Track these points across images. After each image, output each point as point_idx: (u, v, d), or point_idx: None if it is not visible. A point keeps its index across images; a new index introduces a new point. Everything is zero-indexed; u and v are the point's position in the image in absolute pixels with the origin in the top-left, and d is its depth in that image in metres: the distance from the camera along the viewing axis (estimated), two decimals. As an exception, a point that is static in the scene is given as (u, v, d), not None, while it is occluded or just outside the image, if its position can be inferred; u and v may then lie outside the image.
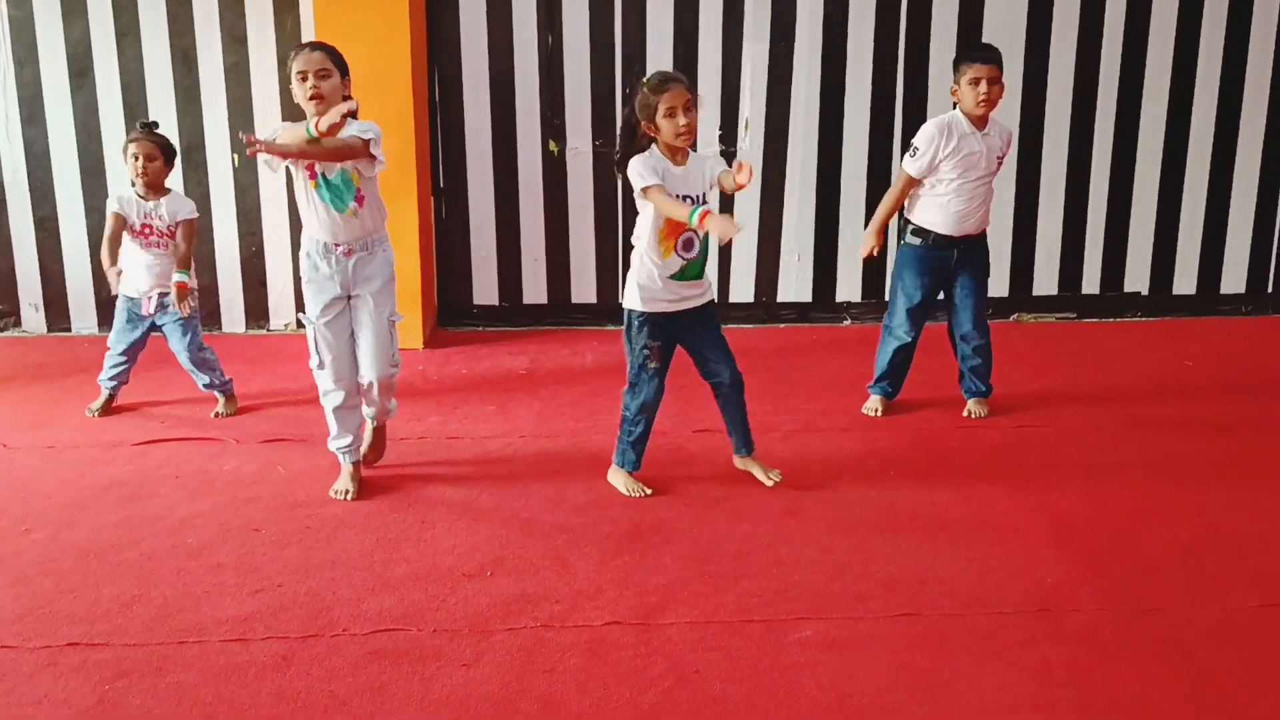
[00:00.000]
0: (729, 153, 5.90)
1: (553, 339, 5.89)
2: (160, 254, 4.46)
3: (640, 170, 3.51)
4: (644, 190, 3.49)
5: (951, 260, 4.43)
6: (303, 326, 3.83)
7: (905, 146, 5.00)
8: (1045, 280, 6.20)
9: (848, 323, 6.18)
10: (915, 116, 5.85)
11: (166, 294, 4.44)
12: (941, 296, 4.55)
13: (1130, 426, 4.44)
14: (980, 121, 4.30)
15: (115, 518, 3.60)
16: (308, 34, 5.66)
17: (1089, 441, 4.28)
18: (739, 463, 3.91)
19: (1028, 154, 6.03)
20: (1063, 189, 6.08)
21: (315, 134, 3.31)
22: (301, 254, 3.73)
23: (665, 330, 3.67)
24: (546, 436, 4.37)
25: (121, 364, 4.59)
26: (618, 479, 3.85)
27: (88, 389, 4.97)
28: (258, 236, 5.92)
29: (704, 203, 3.56)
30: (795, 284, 6.09)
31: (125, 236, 4.45)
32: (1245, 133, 6.08)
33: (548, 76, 5.85)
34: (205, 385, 4.64)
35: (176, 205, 4.48)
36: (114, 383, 4.63)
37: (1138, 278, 6.22)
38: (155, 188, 4.44)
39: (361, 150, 3.48)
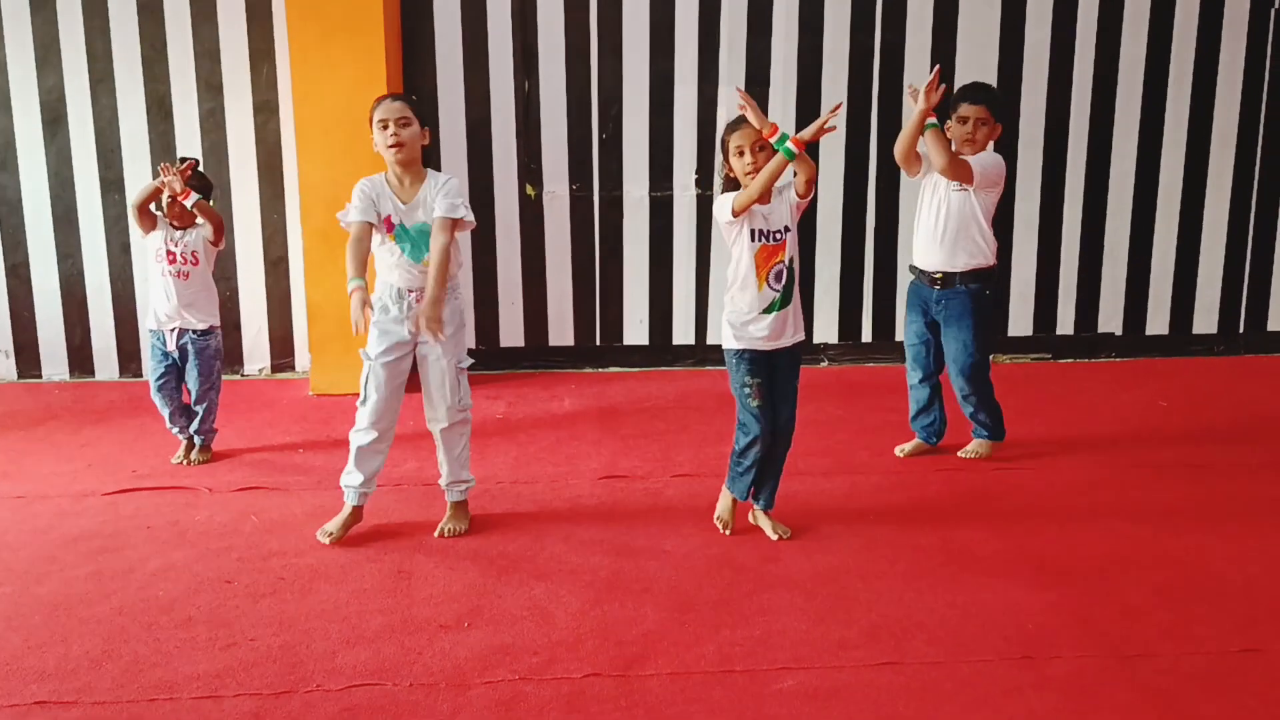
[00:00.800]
0: (705, 196, 5.93)
1: (530, 382, 5.86)
2: (182, 284, 4.45)
3: (722, 204, 3.59)
4: (733, 213, 3.53)
5: (932, 300, 4.44)
6: (278, 371, 3.79)
7: (880, 190, 5.08)
8: (1021, 321, 6.25)
9: (825, 364, 6.19)
10: (889, 160, 5.90)
11: (188, 329, 4.46)
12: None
13: (1107, 468, 4.45)
14: (964, 155, 4.32)
15: (85, 570, 3.54)
16: (284, 82, 5.68)
17: (1067, 483, 4.29)
18: (751, 517, 3.86)
19: (1003, 197, 6.07)
20: (1037, 231, 6.15)
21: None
22: (374, 296, 3.71)
23: (765, 365, 3.67)
24: (524, 482, 4.34)
25: (164, 403, 4.54)
26: (724, 502, 3.85)
27: (59, 438, 4.92)
28: (232, 282, 5.89)
29: (786, 233, 3.60)
30: (772, 326, 6.10)
31: (152, 261, 4.48)
32: (1214, 176, 6.18)
33: (525, 122, 5.88)
34: (195, 429, 4.59)
35: (200, 235, 4.49)
36: (174, 427, 4.57)
37: (1111, 319, 6.27)
38: (183, 219, 4.46)
39: (455, 230, 3.60)
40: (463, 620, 3.20)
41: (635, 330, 6.13)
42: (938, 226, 4.34)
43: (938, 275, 4.38)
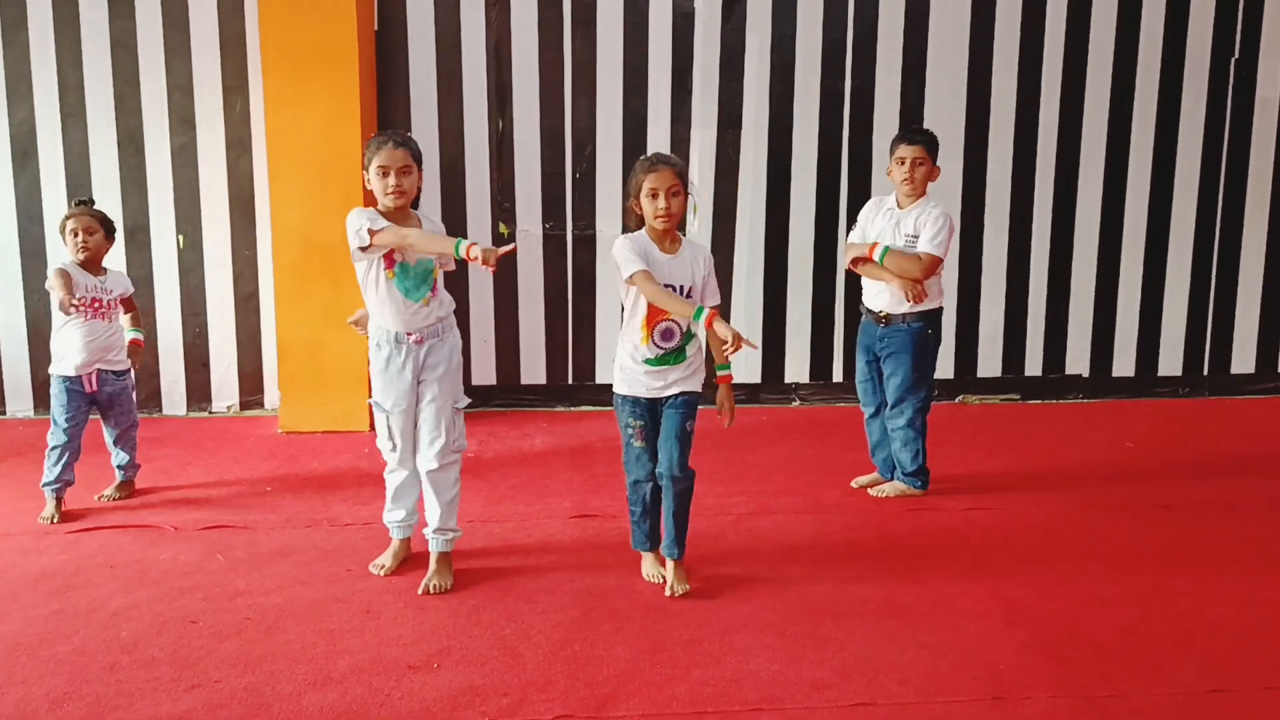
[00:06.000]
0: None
1: (501, 421, 5.84)
2: (103, 326, 4.37)
3: (625, 254, 3.45)
4: (629, 278, 3.43)
5: (875, 337, 4.51)
6: (247, 409, 3.75)
7: (850, 230, 5.13)
8: (989, 362, 6.30)
9: (796, 403, 6.21)
10: (860, 200, 5.96)
11: (106, 371, 4.39)
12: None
13: (1076, 508, 4.48)
14: (905, 199, 4.39)
15: (46, 610, 3.47)
16: (257, 116, 5.67)
17: (1036, 524, 4.31)
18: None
19: (970, 239, 6.16)
20: (1004, 273, 6.22)
21: (464, 256, 3.30)
22: (371, 345, 3.67)
23: (648, 409, 3.62)
24: (494, 521, 4.31)
25: (63, 454, 4.31)
26: (643, 561, 3.77)
27: (21, 474, 4.85)
28: (201, 318, 5.85)
29: (690, 296, 3.49)
30: (744, 365, 6.12)
31: (62, 316, 4.33)
32: (1177, 220, 6.28)
33: (498, 160, 5.90)
34: (120, 465, 4.55)
35: (123, 281, 4.51)
36: (59, 484, 4.30)
37: (1078, 360, 6.34)
38: (96, 263, 4.40)
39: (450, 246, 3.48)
40: (432, 661, 3.17)
41: (607, 369, 6.12)
42: (876, 280, 4.46)
43: (883, 314, 4.46)
